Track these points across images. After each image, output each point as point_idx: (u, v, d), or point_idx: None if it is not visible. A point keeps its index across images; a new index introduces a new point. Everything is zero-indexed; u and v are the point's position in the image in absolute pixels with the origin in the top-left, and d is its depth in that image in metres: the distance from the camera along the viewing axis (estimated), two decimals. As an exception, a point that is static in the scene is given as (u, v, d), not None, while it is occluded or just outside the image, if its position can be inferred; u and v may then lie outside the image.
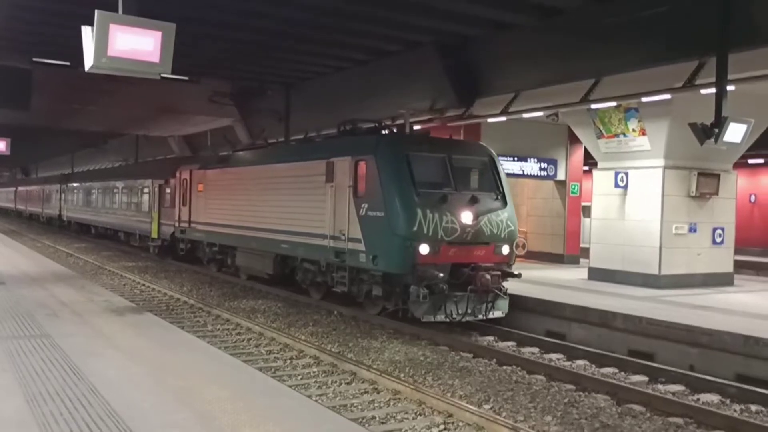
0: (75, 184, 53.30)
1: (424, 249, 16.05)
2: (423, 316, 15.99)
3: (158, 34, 10.38)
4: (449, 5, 18.54)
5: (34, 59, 27.01)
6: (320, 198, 19.12)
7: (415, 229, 16.02)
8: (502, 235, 17.10)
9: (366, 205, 17.10)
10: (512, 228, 17.39)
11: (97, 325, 13.87)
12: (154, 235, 33.46)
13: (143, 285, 24.46)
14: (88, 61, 10.29)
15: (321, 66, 27.24)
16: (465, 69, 22.59)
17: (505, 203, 17.60)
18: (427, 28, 20.76)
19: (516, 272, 17.19)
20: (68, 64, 26.80)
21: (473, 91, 22.80)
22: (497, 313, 16.84)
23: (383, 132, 19.84)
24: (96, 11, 9.95)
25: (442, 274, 15.92)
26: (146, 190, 35.50)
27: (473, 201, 16.84)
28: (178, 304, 20.54)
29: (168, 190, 32.19)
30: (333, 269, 18.80)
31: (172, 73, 12.13)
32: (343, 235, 17.89)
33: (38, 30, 22.63)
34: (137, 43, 10.21)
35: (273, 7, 19.16)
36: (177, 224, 29.94)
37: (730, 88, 15.56)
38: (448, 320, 16.26)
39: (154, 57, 10.43)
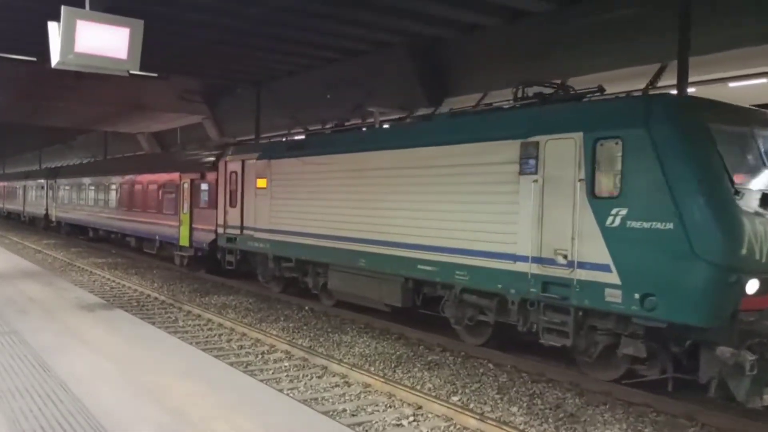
0: (67, 180, 45.21)
1: (752, 286, 10.01)
2: (748, 399, 9.76)
3: (126, 31, 10.33)
4: (418, 7, 18.58)
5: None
6: (507, 198, 12.89)
7: (742, 252, 9.93)
8: None
9: (624, 212, 10.89)
10: None
11: (66, 321, 13.74)
12: (184, 242, 26.74)
13: (113, 281, 24.23)
14: (55, 57, 10.22)
15: (291, 65, 27.19)
16: (434, 69, 22.69)
17: None
18: (397, 29, 20.80)
19: None
20: (34, 60, 26.47)
21: (442, 90, 22.88)
22: None
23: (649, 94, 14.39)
24: (62, 7, 9.88)
25: None
26: (171, 186, 28.31)
27: None
28: (148, 300, 20.38)
29: (205, 187, 25.46)
30: (536, 309, 12.38)
31: (141, 69, 12.07)
32: (565, 257, 11.72)
33: (3, 25, 22.28)
34: (105, 40, 10.14)
35: (243, 6, 19.09)
36: (221, 230, 23.38)
37: (690, 90, 15.85)
38: None
39: (122, 53, 10.37)
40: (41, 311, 14.84)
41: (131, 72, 11.46)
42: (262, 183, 20.91)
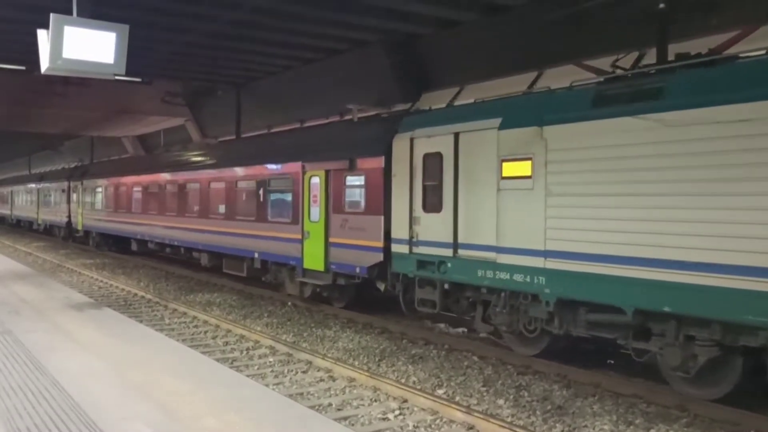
0: (100, 181, 35.80)
1: None
2: None
3: (112, 35, 10.32)
4: (395, 5, 18.48)
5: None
6: None
7: None
8: None
9: None
10: None
11: (57, 320, 13.60)
12: (313, 264, 17.60)
13: (101, 281, 24.04)
14: (44, 63, 10.20)
15: (269, 66, 27.00)
16: (411, 65, 22.54)
17: None
18: (374, 27, 20.65)
19: None
20: (23, 68, 26.25)
21: (419, 86, 22.77)
22: None
23: None
24: (51, 14, 9.88)
25: None
26: (284, 182, 19.40)
27: None
28: (135, 299, 20.23)
29: (356, 181, 16.56)
30: None
31: (126, 74, 11.97)
32: None
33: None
34: (92, 45, 10.13)
35: (221, 10, 18.95)
36: (400, 248, 14.72)
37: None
38: None
39: (109, 57, 10.36)
40: (33, 311, 14.68)
41: (117, 78, 11.42)
42: (515, 169, 12.15)
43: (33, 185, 50.93)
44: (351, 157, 16.39)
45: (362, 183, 16.18)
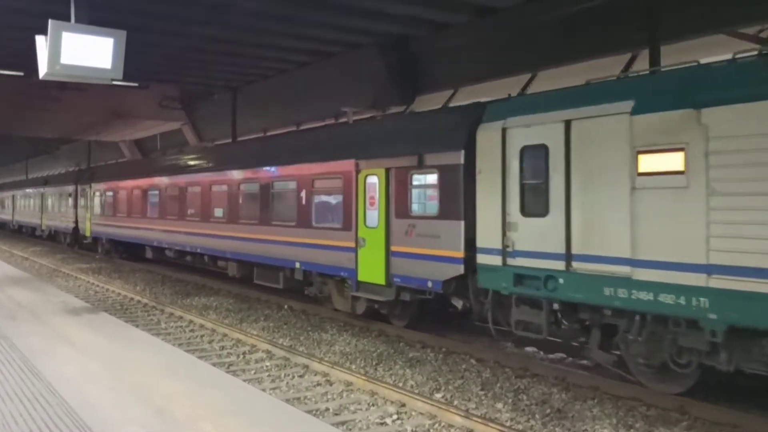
0: (113, 183, 32.91)
1: None
2: None
3: (110, 41, 10.35)
4: (387, 7, 18.49)
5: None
6: None
7: None
8: None
9: None
10: None
11: (53, 325, 13.55)
12: (370, 276, 15.21)
13: (98, 286, 23.97)
14: (42, 69, 10.23)
15: (265, 69, 27.02)
16: (405, 67, 22.56)
17: None
18: (367, 29, 20.68)
19: None
20: (21, 74, 26.24)
21: (414, 88, 22.79)
22: None
23: None
24: (49, 20, 9.92)
25: None
26: (333, 182, 16.85)
27: None
28: (132, 303, 20.16)
29: (427, 180, 14.31)
30: None
31: (122, 79, 11.97)
32: None
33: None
34: (90, 50, 10.16)
35: (216, 14, 18.97)
36: (488, 258, 12.32)
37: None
38: None
39: (106, 63, 10.39)
40: (29, 316, 14.63)
41: (114, 82, 11.41)
42: (659, 163, 9.88)
43: (36, 189, 48.32)
44: (419, 152, 14.00)
45: (434, 182, 13.76)
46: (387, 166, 14.86)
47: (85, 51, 10.06)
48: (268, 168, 19.75)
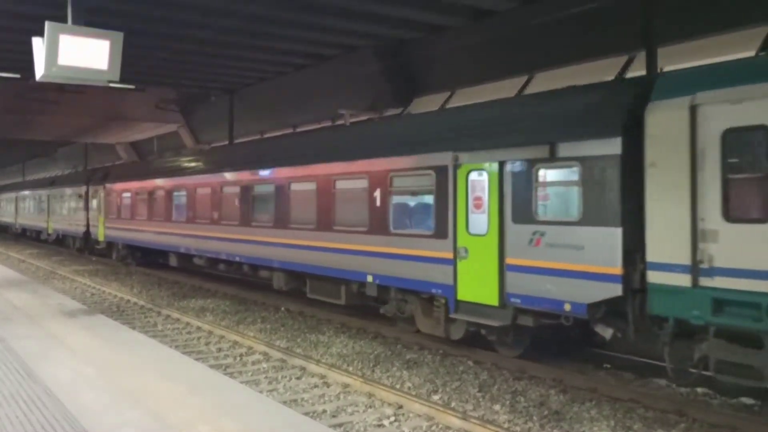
0: (130, 184, 29.66)
1: None
2: None
3: (106, 43, 10.31)
4: (383, 10, 18.46)
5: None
6: None
7: None
8: None
9: None
10: None
11: (50, 327, 13.47)
12: (473, 296, 12.60)
13: (94, 288, 23.91)
14: (39, 71, 10.20)
15: (262, 71, 26.98)
16: (402, 70, 22.56)
17: None
18: (364, 32, 20.64)
19: None
20: (18, 76, 26.16)
21: (410, 90, 22.77)
22: None
23: None
24: (46, 22, 9.88)
25: None
26: (417, 181, 14.28)
27: None
28: (128, 306, 20.11)
29: (568, 176, 11.35)
30: None
31: (119, 81, 11.95)
32: None
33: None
34: (86, 52, 10.12)
35: (213, 18, 18.92)
36: (688, 277, 9.40)
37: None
38: None
39: (103, 64, 10.34)
40: (26, 318, 14.54)
41: (111, 85, 11.41)
42: None
43: (42, 191, 45.21)
44: (550, 140, 11.20)
45: (575, 178, 10.95)
46: (501, 159, 12.01)
47: (81, 53, 10.03)
48: (328, 164, 16.78)
